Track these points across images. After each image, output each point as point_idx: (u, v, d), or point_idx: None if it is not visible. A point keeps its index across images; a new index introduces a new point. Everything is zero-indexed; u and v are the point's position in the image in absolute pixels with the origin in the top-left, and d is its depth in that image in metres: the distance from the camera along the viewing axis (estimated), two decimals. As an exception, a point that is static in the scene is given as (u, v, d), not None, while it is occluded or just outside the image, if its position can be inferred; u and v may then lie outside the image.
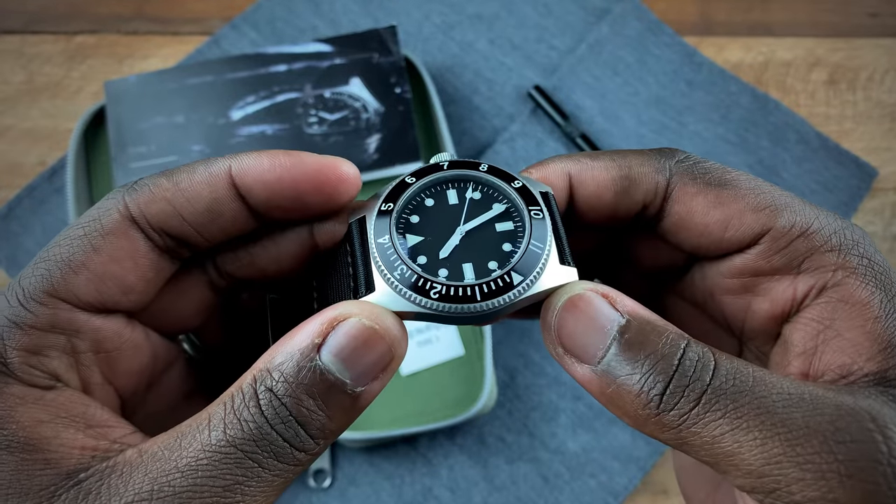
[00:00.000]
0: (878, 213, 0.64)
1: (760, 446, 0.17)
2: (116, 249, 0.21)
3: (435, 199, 0.23)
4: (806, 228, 0.21)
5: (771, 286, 0.22)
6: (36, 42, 0.70)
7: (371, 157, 0.60)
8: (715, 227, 0.22)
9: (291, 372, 0.19)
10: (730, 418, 0.18)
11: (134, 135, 0.61)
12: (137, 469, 0.18)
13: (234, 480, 0.18)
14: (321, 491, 0.57)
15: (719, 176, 0.23)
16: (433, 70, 0.68)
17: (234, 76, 0.62)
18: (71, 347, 0.21)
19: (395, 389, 0.57)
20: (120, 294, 0.21)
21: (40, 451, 0.18)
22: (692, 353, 0.19)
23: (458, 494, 0.56)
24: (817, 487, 0.17)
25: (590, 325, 0.19)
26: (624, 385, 0.19)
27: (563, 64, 0.69)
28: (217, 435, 0.18)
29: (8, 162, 0.65)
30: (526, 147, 0.66)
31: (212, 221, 0.22)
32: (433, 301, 0.20)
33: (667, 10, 0.71)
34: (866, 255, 0.21)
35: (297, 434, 0.19)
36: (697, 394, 0.18)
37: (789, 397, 0.18)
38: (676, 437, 0.18)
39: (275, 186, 0.22)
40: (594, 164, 0.23)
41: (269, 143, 0.60)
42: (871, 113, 0.68)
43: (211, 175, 0.22)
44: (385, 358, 0.20)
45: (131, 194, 0.22)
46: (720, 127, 0.66)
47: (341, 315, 0.20)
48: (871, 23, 0.71)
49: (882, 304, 0.20)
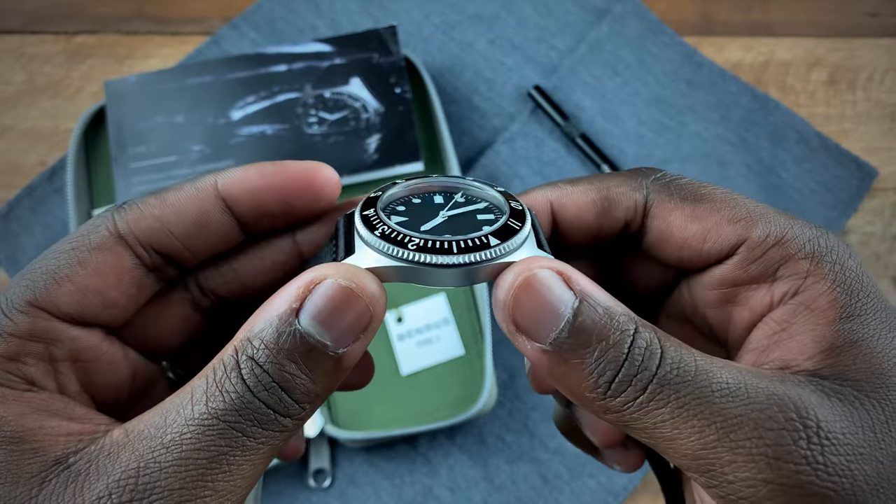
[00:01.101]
0: (878, 213, 0.65)
1: (698, 433, 0.18)
2: (102, 264, 0.22)
3: (422, 199, 0.24)
4: (780, 237, 0.22)
5: (749, 295, 0.23)
6: (36, 42, 0.70)
7: (371, 157, 0.60)
8: (694, 239, 0.23)
9: (272, 338, 0.19)
10: (671, 408, 0.19)
11: (134, 135, 0.61)
12: (125, 448, 0.19)
13: (219, 451, 0.18)
14: (321, 491, 0.57)
15: (695, 191, 0.23)
16: (433, 70, 0.68)
17: (234, 76, 0.62)
18: (48, 355, 0.21)
19: (395, 389, 0.57)
20: (101, 308, 0.22)
21: (26, 441, 0.19)
22: (641, 341, 0.19)
23: (458, 494, 0.56)
24: (748, 469, 0.18)
25: (544, 306, 0.20)
26: (573, 368, 0.19)
27: (562, 64, 0.69)
28: (199, 409, 0.19)
29: (8, 162, 0.66)
30: (526, 147, 0.66)
31: (199, 234, 0.23)
32: (411, 252, 0.21)
33: (667, 10, 0.71)
34: (839, 262, 0.21)
35: (280, 400, 0.19)
36: (644, 384, 0.19)
37: (727, 387, 0.19)
38: (618, 420, 0.19)
39: (263, 194, 0.23)
40: (574, 188, 0.24)
41: (269, 142, 0.61)
42: (871, 113, 0.68)
43: (198, 190, 0.23)
44: (364, 317, 0.20)
45: (120, 212, 0.23)
46: (720, 127, 0.66)
47: (317, 278, 0.20)
48: (871, 23, 0.71)
49: (840, 311, 0.21)
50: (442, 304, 0.59)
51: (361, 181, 0.61)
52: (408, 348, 0.58)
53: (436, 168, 0.63)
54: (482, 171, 0.65)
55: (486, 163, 0.65)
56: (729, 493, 0.19)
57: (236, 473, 0.19)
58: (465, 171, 0.65)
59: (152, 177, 0.60)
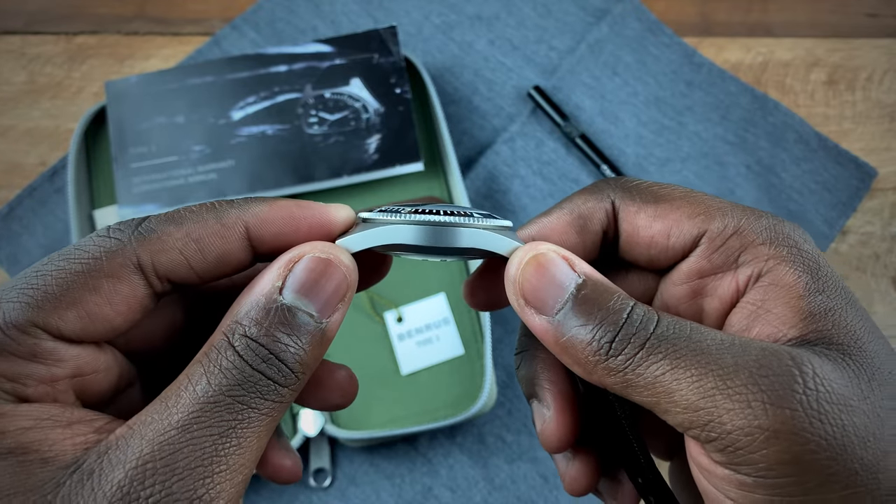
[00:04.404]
0: (878, 213, 0.65)
1: (696, 382, 0.20)
2: (114, 293, 0.21)
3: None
4: (738, 227, 0.23)
5: (716, 284, 0.24)
6: (37, 42, 0.70)
7: (371, 158, 0.60)
8: (659, 237, 0.25)
9: (260, 315, 0.20)
10: (670, 359, 0.20)
11: (135, 135, 0.61)
12: (132, 438, 0.19)
13: (228, 426, 0.19)
14: (321, 490, 0.57)
15: (655, 192, 0.25)
16: (433, 70, 0.68)
17: (235, 76, 0.62)
18: (50, 376, 0.21)
19: (395, 389, 0.57)
20: (102, 332, 0.22)
21: (34, 452, 0.19)
22: (639, 310, 0.21)
23: (457, 494, 0.56)
24: (744, 416, 0.19)
25: (551, 281, 0.22)
26: (577, 335, 0.21)
27: (562, 64, 0.69)
28: (202, 387, 0.19)
29: (9, 162, 0.66)
30: (525, 147, 0.66)
31: (218, 269, 0.23)
32: (401, 215, 0.23)
33: (666, 11, 0.71)
34: (796, 246, 0.23)
35: (279, 370, 0.20)
36: (642, 340, 0.20)
37: (721, 342, 0.20)
38: (622, 381, 0.21)
39: (289, 235, 0.23)
40: (548, 218, 0.26)
41: (270, 143, 0.61)
42: (871, 113, 0.68)
43: (223, 226, 0.23)
44: (342, 286, 0.22)
45: (140, 240, 0.22)
46: (719, 127, 0.67)
47: (296, 255, 0.22)
48: (870, 23, 0.71)
49: (807, 285, 0.22)
50: (442, 304, 0.59)
51: (361, 181, 0.61)
52: (408, 348, 0.58)
53: (436, 168, 0.64)
54: (482, 171, 0.65)
55: (486, 163, 0.65)
56: (727, 445, 0.19)
57: (245, 447, 0.20)
58: (464, 171, 0.65)
59: (153, 177, 0.60)
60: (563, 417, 0.25)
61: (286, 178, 0.60)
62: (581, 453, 0.27)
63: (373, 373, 0.57)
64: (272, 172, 0.60)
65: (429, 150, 0.64)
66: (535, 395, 0.26)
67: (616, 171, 0.63)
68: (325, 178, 0.60)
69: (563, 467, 0.27)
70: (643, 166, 0.65)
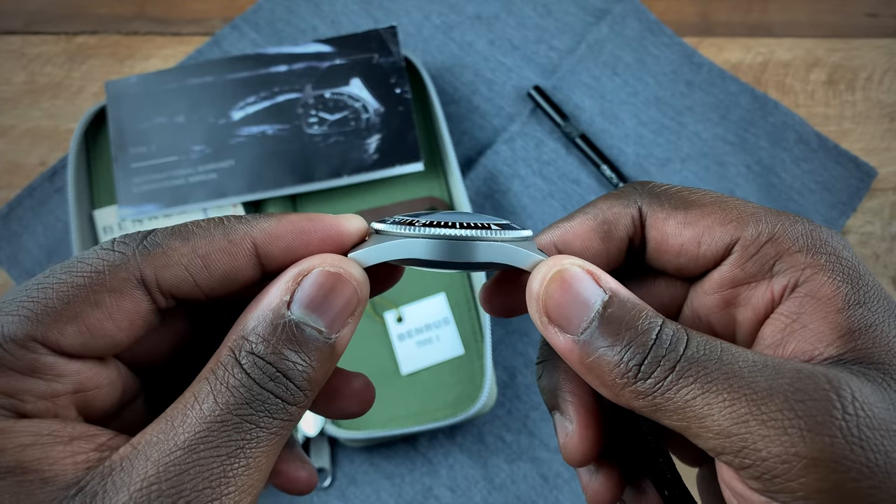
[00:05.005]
0: (877, 213, 0.65)
1: (728, 407, 0.18)
2: (116, 309, 0.21)
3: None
4: (773, 234, 0.22)
5: (750, 294, 0.23)
6: (37, 42, 0.70)
7: (371, 158, 0.60)
8: (689, 245, 0.23)
9: (268, 331, 0.20)
10: (701, 383, 0.19)
11: (135, 135, 0.61)
12: (137, 458, 0.18)
13: (237, 446, 0.19)
14: (321, 490, 0.57)
15: (684, 197, 0.24)
16: (433, 70, 0.68)
17: (235, 76, 0.62)
18: (50, 392, 0.20)
19: (394, 389, 0.57)
20: (104, 347, 0.21)
21: (34, 471, 0.18)
22: (668, 329, 0.20)
23: (457, 493, 0.56)
24: (780, 442, 0.18)
25: (575, 298, 0.21)
26: (604, 356, 0.20)
27: (562, 64, 0.69)
28: (209, 406, 0.19)
29: (9, 162, 0.66)
30: (525, 147, 0.66)
31: (224, 287, 0.22)
32: (415, 228, 0.22)
33: (666, 11, 0.71)
34: (834, 253, 0.22)
35: (287, 388, 0.20)
36: (672, 363, 0.19)
37: (754, 364, 0.19)
38: (651, 404, 0.20)
39: (298, 250, 0.22)
40: (571, 223, 0.25)
41: (270, 143, 0.61)
42: (870, 113, 0.68)
43: (231, 242, 0.22)
44: (353, 301, 0.21)
45: (144, 254, 0.21)
46: (719, 127, 0.67)
47: (305, 269, 0.21)
48: (870, 23, 0.71)
49: (846, 297, 0.21)
50: (442, 304, 0.59)
51: (361, 181, 0.61)
52: (408, 348, 0.58)
53: (436, 168, 0.64)
54: (482, 171, 0.65)
55: (486, 163, 0.65)
56: (763, 473, 0.18)
57: (254, 466, 0.19)
58: (464, 172, 0.65)
59: (153, 177, 0.60)
60: (586, 432, 0.24)
61: (286, 178, 0.60)
62: (605, 466, 0.26)
63: (373, 373, 0.57)
64: (272, 172, 0.60)
65: (429, 150, 0.64)
66: (557, 408, 0.25)
67: (616, 171, 0.63)
68: (325, 178, 0.60)
69: (586, 480, 0.26)
70: (643, 166, 0.65)
